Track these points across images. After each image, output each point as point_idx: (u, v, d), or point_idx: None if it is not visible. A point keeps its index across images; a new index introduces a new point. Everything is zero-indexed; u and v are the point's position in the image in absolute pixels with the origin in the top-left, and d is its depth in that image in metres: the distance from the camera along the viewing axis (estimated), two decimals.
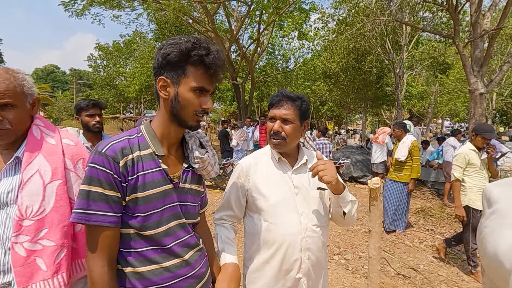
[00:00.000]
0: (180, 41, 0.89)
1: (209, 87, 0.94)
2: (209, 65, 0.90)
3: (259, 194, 1.29)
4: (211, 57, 0.90)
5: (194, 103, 0.92)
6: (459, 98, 17.24)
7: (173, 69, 0.90)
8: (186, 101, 0.91)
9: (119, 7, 10.40)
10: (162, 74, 0.92)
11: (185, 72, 0.90)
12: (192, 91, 0.91)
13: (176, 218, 0.96)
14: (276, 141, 1.28)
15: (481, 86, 7.22)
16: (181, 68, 0.90)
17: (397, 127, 4.75)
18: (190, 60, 0.89)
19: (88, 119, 2.24)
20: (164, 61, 0.90)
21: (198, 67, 0.91)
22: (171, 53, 0.88)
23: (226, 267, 1.15)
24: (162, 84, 0.92)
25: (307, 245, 1.25)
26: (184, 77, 0.90)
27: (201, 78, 0.91)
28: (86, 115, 2.24)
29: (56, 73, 58.74)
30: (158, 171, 0.92)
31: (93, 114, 2.25)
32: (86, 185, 0.83)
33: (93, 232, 0.85)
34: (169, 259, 0.93)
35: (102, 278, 0.83)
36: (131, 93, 17.42)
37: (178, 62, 0.89)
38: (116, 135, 0.94)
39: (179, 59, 0.88)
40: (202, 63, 0.90)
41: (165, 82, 0.92)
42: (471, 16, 7.41)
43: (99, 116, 2.29)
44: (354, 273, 3.31)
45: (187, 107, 0.92)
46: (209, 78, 0.93)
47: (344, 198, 1.25)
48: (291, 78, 17.01)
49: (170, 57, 0.88)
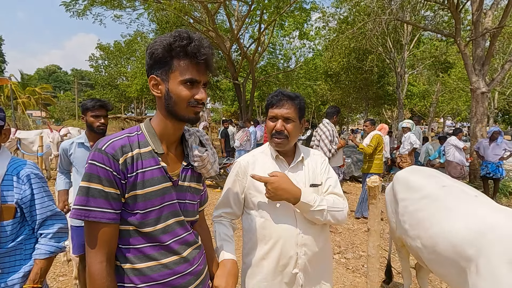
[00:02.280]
0: (162, 38, 0.89)
1: (199, 78, 0.92)
2: (193, 54, 0.89)
3: (256, 191, 1.31)
4: (193, 45, 0.88)
5: (186, 96, 0.91)
6: (461, 97, 17.19)
7: (160, 66, 0.90)
8: (178, 96, 0.91)
9: (120, 7, 10.44)
10: (152, 73, 0.93)
11: (171, 67, 0.90)
12: (182, 84, 0.90)
13: (174, 215, 0.97)
14: (279, 140, 1.29)
15: (482, 85, 7.20)
16: (167, 64, 0.90)
17: (368, 123, 5.51)
18: (173, 53, 0.89)
19: (93, 120, 2.22)
20: (151, 60, 0.91)
21: (182, 59, 0.90)
22: (155, 50, 0.88)
23: (224, 263, 1.16)
24: (153, 82, 0.93)
25: (303, 241, 1.26)
26: (172, 72, 0.90)
27: (188, 69, 0.90)
28: (92, 115, 2.22)
29: (58, 73, 58.95)
30: (157, 169, 0.93)
31: (98, 115, 2.23)
32: (86, 181, 0.84)
33: (92, 228, 0.85)
34: (167, 256, 0.94)
35: (101, 274, 0.84)
36: (132, 93, 17.47)
37: (164, 58, 0.89)
38: (116, 133, 0.95)
39: (163, 55, 0.89)
40: (185, 54, 0.89)
41: (156, 80, 0.92)
42: (473, 15, 7.38)
43: (104, 118, 2.26)
44: (354, 272, 3.31)
45: (180, 101, 0.92)
46: (196, 68, 0.91)
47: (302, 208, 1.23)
48: (292, 78, 17.00)
49: (156, 55, 0.89)
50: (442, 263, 1.64)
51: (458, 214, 1.65)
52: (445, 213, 1.72)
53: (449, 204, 1.77)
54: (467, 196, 1.78)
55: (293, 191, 1.20)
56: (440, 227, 1.67)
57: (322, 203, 1.23)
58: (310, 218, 1.25)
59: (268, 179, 1.20)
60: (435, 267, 1.73)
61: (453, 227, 1.60)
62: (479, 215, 1.57)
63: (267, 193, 1.21)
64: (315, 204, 1.21)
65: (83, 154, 2.26)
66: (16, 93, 24.45)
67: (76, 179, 2.32)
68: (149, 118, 1.01)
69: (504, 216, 1.49)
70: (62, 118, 31.60)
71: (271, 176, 1.21)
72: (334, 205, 1.26)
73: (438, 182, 1.97)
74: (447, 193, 1.87)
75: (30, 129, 13.18)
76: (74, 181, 2.36)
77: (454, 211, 1.69)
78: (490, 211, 1.58)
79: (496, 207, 1.65)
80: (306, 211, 1.23)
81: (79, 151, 2.27)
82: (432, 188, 1.93)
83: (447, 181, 2.03)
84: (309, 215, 1.24)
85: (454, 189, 1.90)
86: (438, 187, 1.93)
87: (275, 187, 1.18)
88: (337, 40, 11.79)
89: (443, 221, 1.69)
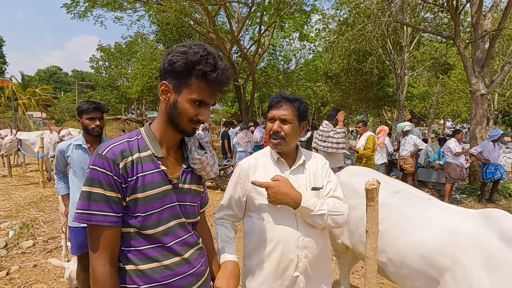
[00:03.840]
0: (189, 51, 0.89)
1: (209, 100, 0.95)
2: (213, 82, 0.91)
3: (258, 194, 1.32)
4: (216, 75, 0.90)
5: (191, 114, 0.93)
6: (461, 99, 17.19)
7: (176, 77, 0.91)
8: (183, 110, 0.93)
9: (121, 9, 10.46)
10: (165, 79, 0.93)
11: (187, 83, 0.91)
12: (191, 102, 0.92)
13: (175, 217, 0.98)
14: (276, 141, 1.31)
15: (482, 87, 7.21)
16: (184, 78, 0.91)
17: (361, 124, 5.65)
18: (194, 73, 0.89)
19: (88, 122, 2.23)
20: (169, 68, 0.91)
21: (201, 80, 0.91)
22: (177, 61, 0.88)
23: (226, 265, 1.17)
24: (164, 88, 0.94)
25: (304, 244, 1.27)
26: (186, 87, 0.91)
27: (202, 91, 0.92)
28: (87, 118, 2.23)
29: (58, 75, 59.00)
30: (157, 172, 0.94)
31: (93, 118, 2.24)
32: (88, 186, 0.86)
33: (94, 231, 0.87)
34: (169, 257, 0.95)
35: (104, 276, 0.86)
36: (133, 94, 17.47)
37: (183, 72, 0.90)
38: (116, 138, 0.97)
39: (183, 70, 0.89)
40: (206, 78, 0.90)
41: (167, 87, 0.93)
42: (472, 17, 7.40)
43: (99, 120, 2.27)
44: (353, 273, 3.32)
45: (184, 115, 0.94)
46: (211, 92, 0.94)
47: (302, 213, 1.24)
48: (292, 79, 17.02)
49: (176, 66, 0.89)
50: (410, 276, 1.59)
51: (422, 223, 1.61)
52: (408, 224, 1.65)
53: (408, 212, 1.71)
54: (423, 202, 1.74)
55: (293, 195, 1.21)
56: (407, 239, 1.61)
57: (323, 207, 1.24)
58: (310, 222, 1.27)
59: (269, 184, 1.21)
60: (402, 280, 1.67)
61: (421, 238, 1.55)
62: (444, 221, 1.54)
63: (268, 197, 1.23)
64: (315, 209, 1.22)
65: (80, 156, 2.27)
66: (17, 94, 24.47)
67: (73, 180, 2.33)
68: (149, 123, 1.03)
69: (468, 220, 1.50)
70: (62, 119, 31.58)
71: (273, 180, 1.23)
72: (334, 209, 1.27)
73: (387, 188, 1.86)
74: (402, 200, 1.80)
75: (31, 130, 13.20)
76: (71, 183, 2.36)
77: (417, 220, 1.64)
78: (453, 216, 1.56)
79: (455, 210, 1.64)
80: (306, 216, 1.25)
81: (76, 153, 2.28)
82: (385, 196, 1.79)
83: (394, 184, 1.95)
84: (309, 219, 1.25)
85: (406, 194, 1.83)
86: (389, 194, 1.84)
87: (275, 192, 1.20)
88: (337, 42, 11.83)
89: (409, 232, 1.62)
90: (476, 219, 1.49)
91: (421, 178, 7.76)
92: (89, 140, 2.31)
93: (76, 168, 2.28)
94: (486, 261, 1.31)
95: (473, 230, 1.43)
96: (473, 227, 1.45)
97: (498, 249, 1.31)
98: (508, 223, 1.36)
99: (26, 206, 5.30)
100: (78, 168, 2.27)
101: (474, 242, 1.38)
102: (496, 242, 1.33)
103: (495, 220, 1.41)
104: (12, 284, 2.89)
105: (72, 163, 2.29)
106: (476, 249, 1.36)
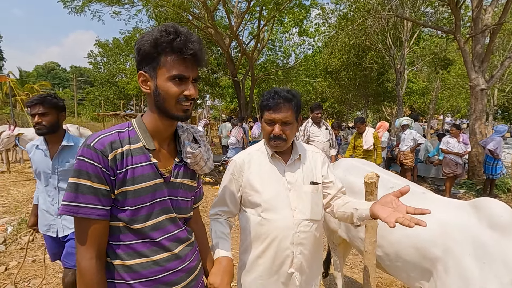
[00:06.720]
0: (150, 33, 0.88)
1: (187, 73, 0.90)
2: (180, 49, 0.86)
3: (253, 190, 1.30)
4: (179, 40, 0.86)
5: (175, 92, 0.89)
6: (461, 94, 17.16)
7: (148, 62, 0.89)
8: (166, 92, 0.89)
9: (118, 3, 10.38)
10: (140, 69, 0.91)
11: (158, 63, 0.88)
12: (170, 81, 0.88)
13: (165, 212, 0.96)
14: (277, 143, 1.27)
15: (482, 82, 7.18)
16: (155, 59, 0.88)
17: (359, 123, 5.66)
18: (160, 48, 0.86)
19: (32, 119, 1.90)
20: (139, 56, 0.89)
21: (169, 54, 0.87)
22: (142, 46, 0.87)
23: (220, 260, 1.15)
24: (142, 79, 0.91)
25: (299, 240, 1.25)
26: (159, 68, 0.88)
27: (175, 65, 0.88)
28: (31, 114, 1.90)
29: (56, 71, 58.66)
30: (148, 165, 0.92)
31: (33, 114, 1.88)
32: (75, 178, 0.83)
33: (82, 224, 0.85)
34: (158, 252, 0.93)
35: (90, 270, 0.84)
36: (131, 90, 17.44)
37: (151, 54, 0.87)
38: (106, 128, 0.94)
39: (150, 51, 0.87)
40: (172, 49, 0.87)
41: (144, 76, 0.91)
42: (473, 11, 7.34)
43: (43, 116, 1.87)
44: (352, 268, 3.32)
45: (168, 97, 0.90)
46: (184, 63, 0.89)
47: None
48: (291, 75, 16.96)
49: (143, 51, 0.87)
50: (405, 268, 1.62)
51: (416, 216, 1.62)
52: None
53: None
54: (418, 196, 1.74)
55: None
56: (401, 232, 1.61)
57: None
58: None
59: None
60: (398, 273, 1.71)
61: (414, 230, 1.57)
62: (435, 213, 1.54)
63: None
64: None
65: (40, 158, 1.99)
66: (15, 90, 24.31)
67: (37, 185, 2.07)
68: (141, 114, 1.00)
69: (459, 210, 1.51)
70: None
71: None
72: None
73: (382, 182, 1.84)
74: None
75: (29, 127, 13.16)
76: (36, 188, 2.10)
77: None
78: (444, 208, 1.57)
79: (447, 201, 1.66)
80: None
81: (37, 155, 2.01)
82: (381, 192, 1.80)
83: (388, 178, 1.96)
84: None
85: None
86: (386, 189, 1.82)
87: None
88: (336, 37, 11.75)
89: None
90: (466, 209, 1.50)
91: (420, 173, 7.81)
92: (50, 140, 2.00)
93: (38, 171, 2.00)
94: (476, 250, 1.32)
95: (463, 220, 1.44)
96: (463, 217, 1.46)
97: (487, 237, 1.32)
98: (497, 211, 1.36)
99: (25, 202, 5.29)
100: (40, 171, 1.99)
101: (464, 231, 1.39)
102: (485, 230, 1.34)
103: (484, 208, 1.41)
104: (10, 280, 2.89)
105: (34, 166, 2.01)
106: (466, 238, 1.37)
